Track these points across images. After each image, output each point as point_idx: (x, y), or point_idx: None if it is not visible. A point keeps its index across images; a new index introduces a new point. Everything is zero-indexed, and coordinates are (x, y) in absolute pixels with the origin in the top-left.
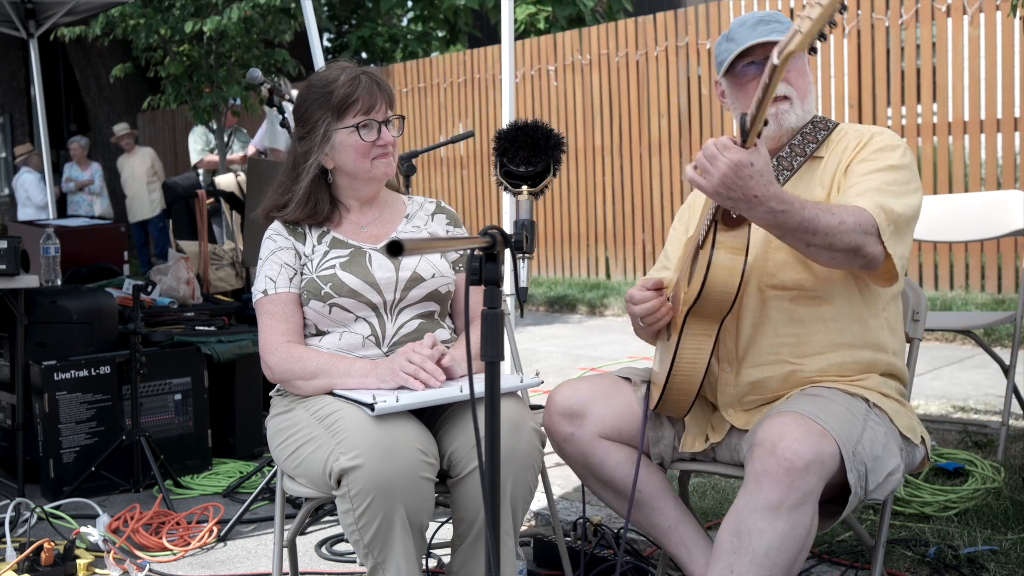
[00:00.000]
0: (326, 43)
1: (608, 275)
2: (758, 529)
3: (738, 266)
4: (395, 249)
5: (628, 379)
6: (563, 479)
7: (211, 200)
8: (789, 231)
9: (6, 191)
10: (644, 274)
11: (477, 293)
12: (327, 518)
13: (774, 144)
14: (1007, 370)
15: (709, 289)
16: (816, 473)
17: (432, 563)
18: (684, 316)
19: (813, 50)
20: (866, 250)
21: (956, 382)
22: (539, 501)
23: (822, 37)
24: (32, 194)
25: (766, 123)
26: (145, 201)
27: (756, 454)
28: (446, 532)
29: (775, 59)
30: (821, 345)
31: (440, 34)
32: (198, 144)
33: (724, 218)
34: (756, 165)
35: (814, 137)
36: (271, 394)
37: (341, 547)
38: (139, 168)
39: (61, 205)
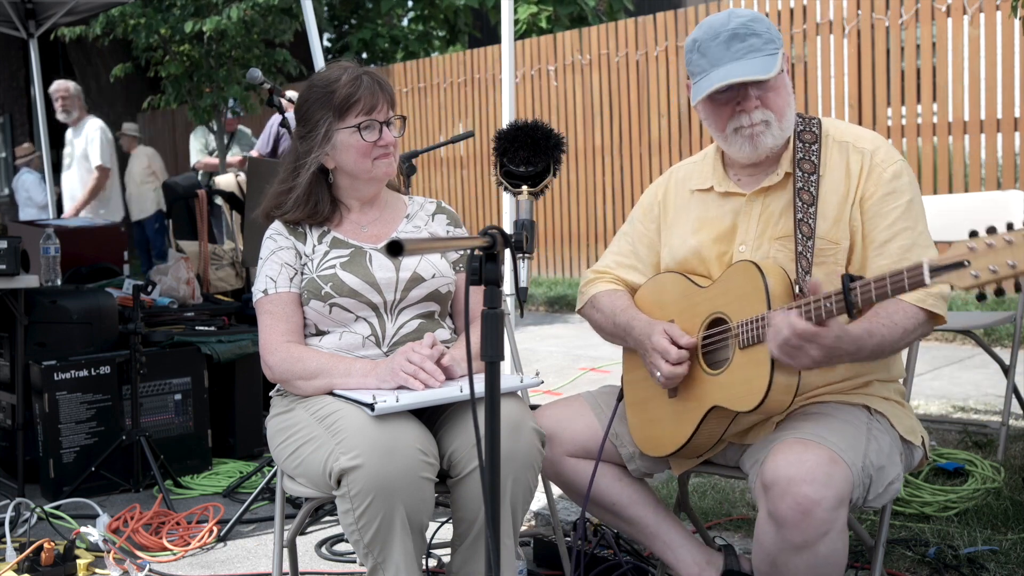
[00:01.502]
0: (326, 43)
1: None
2: (792, 564)
3: (794, 384)
4: (395, 249)
5: (587, 402)
6: None
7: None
8: (863, 359)
9: (6, 191)
10: None
11: (477, 293)
12: (327, 518)
13: (756, 159)
14: (1007, 370)
15: (764, 409)
16: (833, 505)
17: (432, 563)
18: (709, 407)
19: (981, 296)
20: (923, 332)
21: (956, 382)
22: (539, 501)
23: (999, 292)
24: (33, 194)
25: (800, 186)
26: (137, 201)
27: (771, 496)
28: (446, 532)
29: (927, 279)
30: (815, 383)
31: (440, 34)
32: (197, 144)
33: None
34: (840, 334)
35: (811, 163)
36: (271, 394)
37: (341, 547)
38: (136, 167)
39: (61, 205)
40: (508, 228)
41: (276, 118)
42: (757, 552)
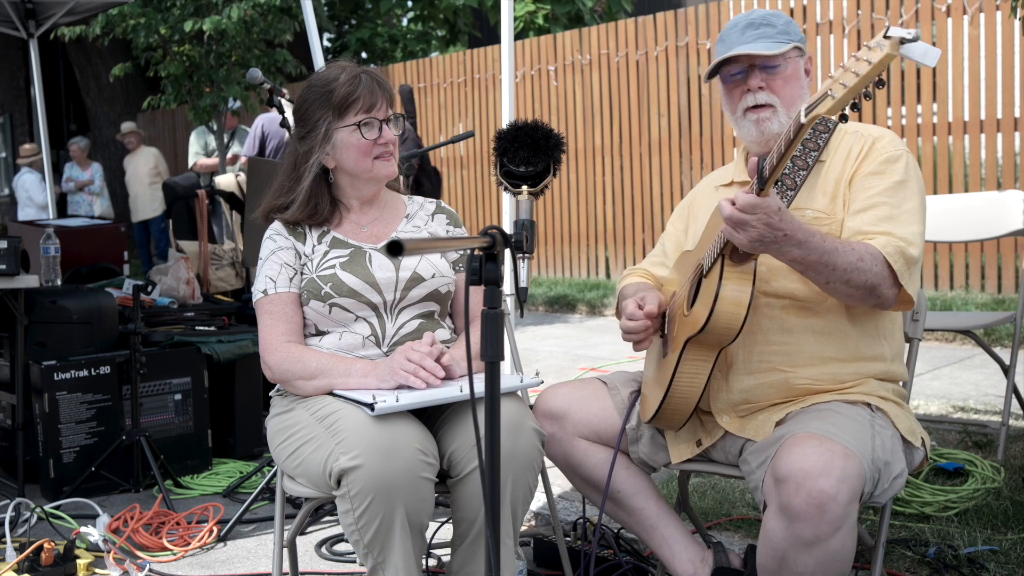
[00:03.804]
0: (326, 43)
1: (608, 275)
2: (801, 560)
3: (745, 298)
4: (395, 249)
5: (605, 383)
6: (563, 479)
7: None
8: (811, 264)
9: (6, 191)
10: None
11: (477, 293)
12: (327, 518)
13: (761, 149)
14: (1007, 370)
15: (715, 322)
16: (847, 500)
17: (432, 563)
18: (684, 343)
19: (843, 117)
20: (881, 291)
21: (956, 382)
22: (539, 501)
23: (855, 107)
24: (34, 194)
25: (785, 172)
26: (147, 201)
27: (784, 490)
28: (446, 532)
29: (803, 117)
30: (811, 356)
31: (440, 34)
32: (195, 146)
33: (732, 254)
34: (782, 208)
35: (815, 144)
36: (271, 394)
37: (341, 547)
38: (141, 168)
39: (61, 205)
40: (508, 228)
41: (259, 120)
42: (764, 548)
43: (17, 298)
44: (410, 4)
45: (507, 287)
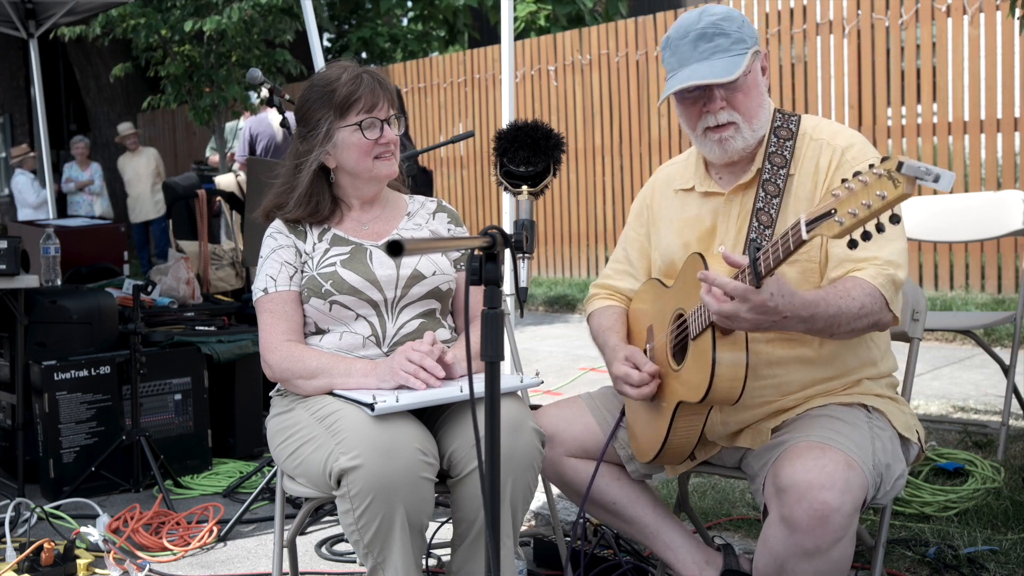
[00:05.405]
0: (326, 43)
1: None
2: (801, 569)
3: (741, 362)
4: (395, 249)
5: (585, 402)
6: None
7: (218, 199)
8: (816, 331)
9: (6, 191)
10: None
11: (477, 293)
12: (327, 518)
13: (726, 160)
14: (1007, 370)
15: (714, 393)
16: (850, 511)
17: (432, 563)
18: (676, 404)
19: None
20: (881, 323)
21: (956, 382)
22: (539, 501)
23: (865, 236)
24: (26, 195)
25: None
26: (149, 202)
27: (786, 500)
28: (446, 532)
29: (804, 234)
30: (802, 383)
31: (440, 34)
32: (214, 142)
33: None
34: (775, 291)
35: (782, 157)
36: (271, 394)
37: (341, 547)
38: (143, 169)
39: (61, 205)
40: (508, 228)
41: (247, 123)
42: (763, 555)
43: (17, 298)
44: (410, 4)
45: (507, 287)
